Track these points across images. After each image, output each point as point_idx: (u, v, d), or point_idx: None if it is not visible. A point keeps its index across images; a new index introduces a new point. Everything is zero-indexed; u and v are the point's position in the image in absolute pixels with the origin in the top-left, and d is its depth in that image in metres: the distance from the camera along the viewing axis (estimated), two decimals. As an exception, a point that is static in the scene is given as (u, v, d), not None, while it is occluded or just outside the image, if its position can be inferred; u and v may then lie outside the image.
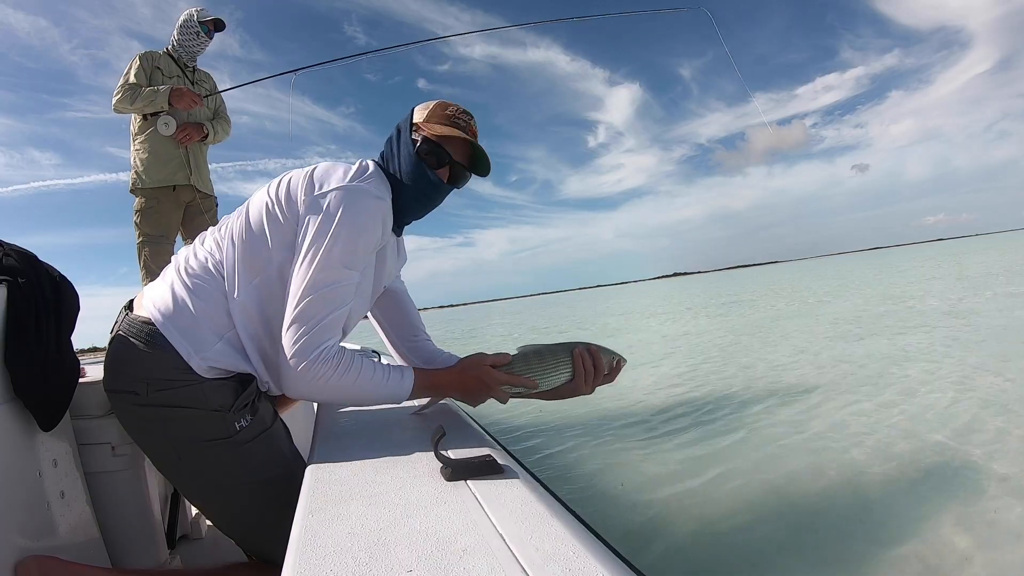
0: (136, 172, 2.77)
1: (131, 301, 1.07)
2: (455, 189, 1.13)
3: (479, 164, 1.13)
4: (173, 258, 1.09)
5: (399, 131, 1.09)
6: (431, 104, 1.10)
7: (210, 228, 1.10)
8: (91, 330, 1.05)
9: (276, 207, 0.99)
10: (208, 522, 1.64)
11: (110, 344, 1.01)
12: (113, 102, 2.73)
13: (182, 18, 2.92)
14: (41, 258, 1.16)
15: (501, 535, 0.56)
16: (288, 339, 0.91)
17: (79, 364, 1.15)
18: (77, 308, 1.16)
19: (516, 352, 1.13)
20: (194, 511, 1.63)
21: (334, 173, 0.99)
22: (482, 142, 1.11)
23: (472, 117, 1.11)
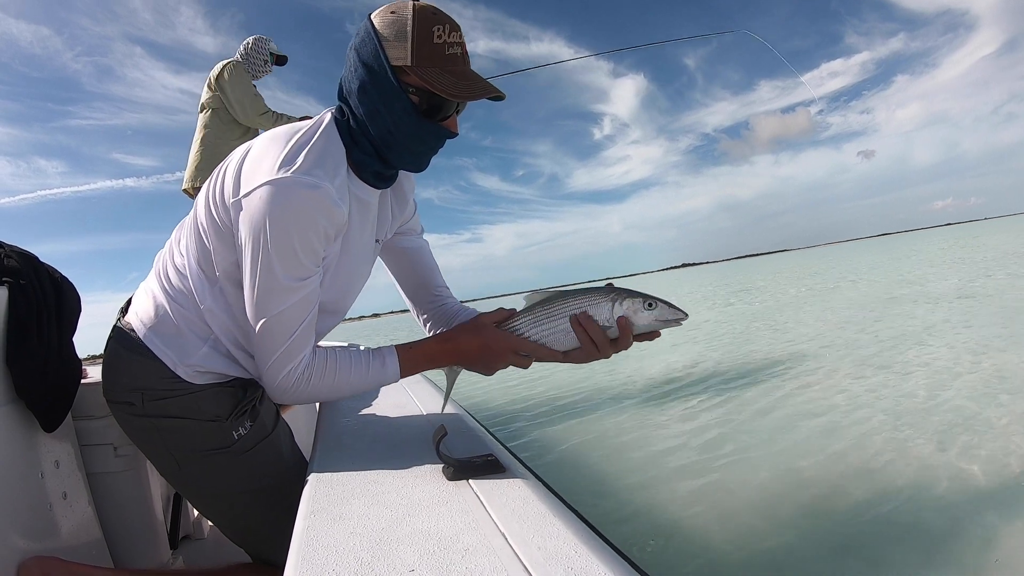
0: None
1: (128, 301, 1.03)
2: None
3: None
4: (155, 260, 1.03)
5: (373, 76, 0.86)
6: (405, 24, 0.83)
7: (180, 223, 1.01)
8: (100, 336, 1.00)
9: (214, 206, 0.88)
10: (210, 522, 1.64)
11: (104, 350, 1.00)
12: (254, 116, 2.89)
13: (252, 40, 3.05)
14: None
15: (503, 534, 0.55)
16: (260, 365, 0.88)
17: (81, 365, 1.15)
18: (79, 309, 1.16)
19: (524, 302, 0.96)
20: (196, 511, 1.63)
21: (265, 159, 0.83)
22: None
23: (460, 30, 0.87)
